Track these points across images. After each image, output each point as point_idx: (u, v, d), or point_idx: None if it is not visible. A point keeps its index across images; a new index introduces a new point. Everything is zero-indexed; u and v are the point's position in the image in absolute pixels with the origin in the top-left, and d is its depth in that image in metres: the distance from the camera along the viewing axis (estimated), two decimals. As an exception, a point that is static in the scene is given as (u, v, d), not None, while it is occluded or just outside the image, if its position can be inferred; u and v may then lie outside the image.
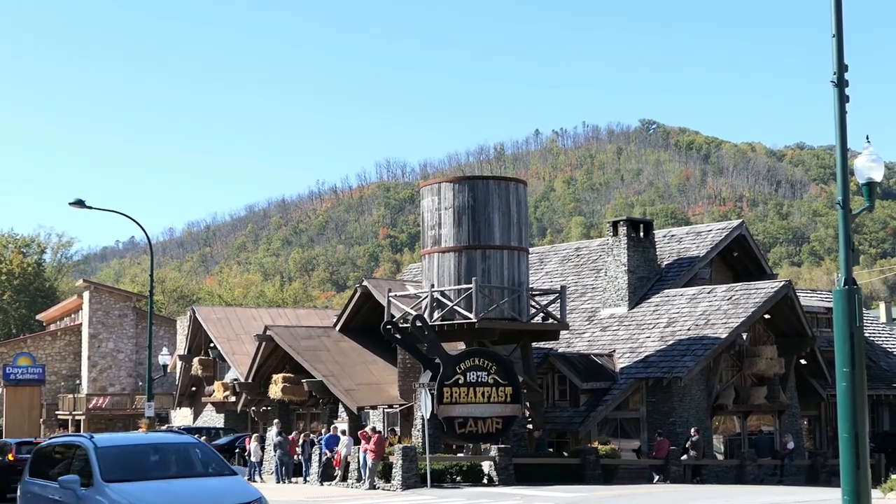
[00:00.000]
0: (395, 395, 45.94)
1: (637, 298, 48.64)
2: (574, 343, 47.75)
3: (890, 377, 53.44)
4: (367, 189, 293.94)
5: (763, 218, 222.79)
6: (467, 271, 40.04)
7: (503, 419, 39.35)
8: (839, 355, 17.81)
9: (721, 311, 44.72)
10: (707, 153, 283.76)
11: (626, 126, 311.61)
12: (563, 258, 56.30)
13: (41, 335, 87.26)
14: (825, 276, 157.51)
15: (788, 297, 45.29)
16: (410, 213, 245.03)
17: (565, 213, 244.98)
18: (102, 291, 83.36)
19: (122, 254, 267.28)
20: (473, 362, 39.05)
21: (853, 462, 17.51)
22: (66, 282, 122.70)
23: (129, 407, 76.73)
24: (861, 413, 17.64)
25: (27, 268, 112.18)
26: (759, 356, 45.37)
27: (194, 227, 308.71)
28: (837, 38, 18.19)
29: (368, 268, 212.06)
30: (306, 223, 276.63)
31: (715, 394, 44.59)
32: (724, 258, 51.80)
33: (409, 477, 36.64)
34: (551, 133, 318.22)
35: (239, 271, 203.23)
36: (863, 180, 18.51)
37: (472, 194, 40.39)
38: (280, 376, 50.19)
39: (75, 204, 45.89)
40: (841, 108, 18.10)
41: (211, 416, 65.40)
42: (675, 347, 44.00)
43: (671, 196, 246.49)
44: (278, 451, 43.81)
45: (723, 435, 46.10)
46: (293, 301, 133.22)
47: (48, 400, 79.10)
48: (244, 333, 60.98)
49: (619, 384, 43.77)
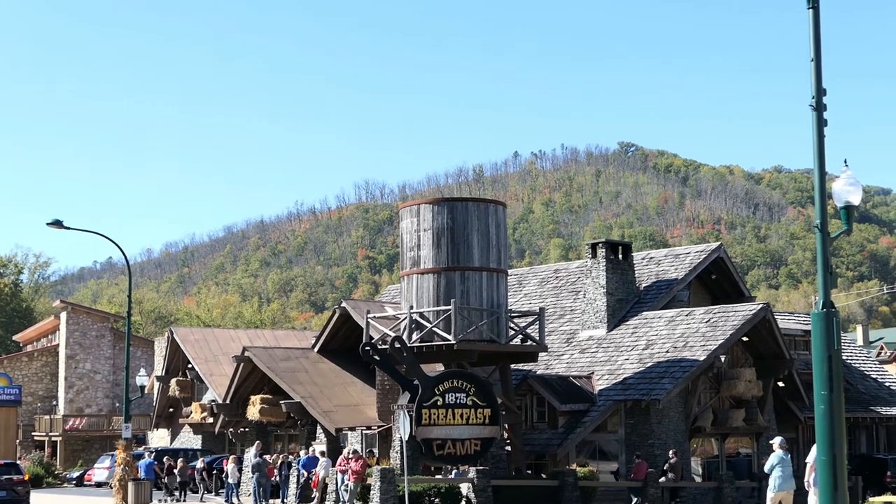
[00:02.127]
0: (374, 417, 45.85)
1: (616, 320, 48.70)
2: (553, 365, 47.76)
3: (867, 400, 53.58)
4: (345, 210, 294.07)
5: (741, 241, 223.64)
6: (446, 293, 40.02)
7: (482, 441, 39.29)
8: (817, 378, 17.84)
9: (699, 333, 44.81)
10: (685, 176, 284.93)
11: (605, 148, 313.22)
12: (541, 280, 56.34)
13: (18, 356, 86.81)
14: (803, 299, 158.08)
15: (766, 319, 45.40)
16: (389, 235, 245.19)
17: (544, 234, 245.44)
18: (80, 312, 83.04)
19: (100, 274, 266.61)
20: (452, 384, 39.01)
21: (831, 484, 17.52)
22: (44, 302, 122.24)
23: (106, 428, 76.43)
24: (839, 436, 17.66)
25: (4, 288, 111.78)
26: (737, 378, 45.45)
27: (172, 247, 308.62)
28: (816, 62, 18.27)
29: (347, 289, 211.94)
30: (285, 244, 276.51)
31: (693, 416, 44.64)
32: (703, 280, 51.92)
33: (388, 499, 36.54)
34: (530, 155, 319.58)
35: (217, 292, 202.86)
36: (841, 204, 18.55)
37: (452, 216, 40.39)
38: (258, 398, 50.06)
39: (53, 224, 45.69)
40: (819, 132, 18.16)
41: (188, 438, 65.15)
42: (653, 370, 44.05)
43: (649, 218, 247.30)
44: (256, 473, 43.67)
45: (701, 457, 46.13)
46: (271, 322, 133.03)
47: (24, 421, 78.68)
48: (222, 354, 60.83)
49: (598, 406, 43.77)
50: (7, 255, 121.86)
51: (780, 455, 25.51)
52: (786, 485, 25.29)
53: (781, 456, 25.48)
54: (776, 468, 25.33)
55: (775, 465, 25.34)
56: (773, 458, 25.73)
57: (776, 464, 25.40)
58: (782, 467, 25.33)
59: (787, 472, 25.35)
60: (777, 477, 25.33)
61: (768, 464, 25.91)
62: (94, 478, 63.56)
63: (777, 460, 25.45)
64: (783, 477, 25.31)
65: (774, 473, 25.38)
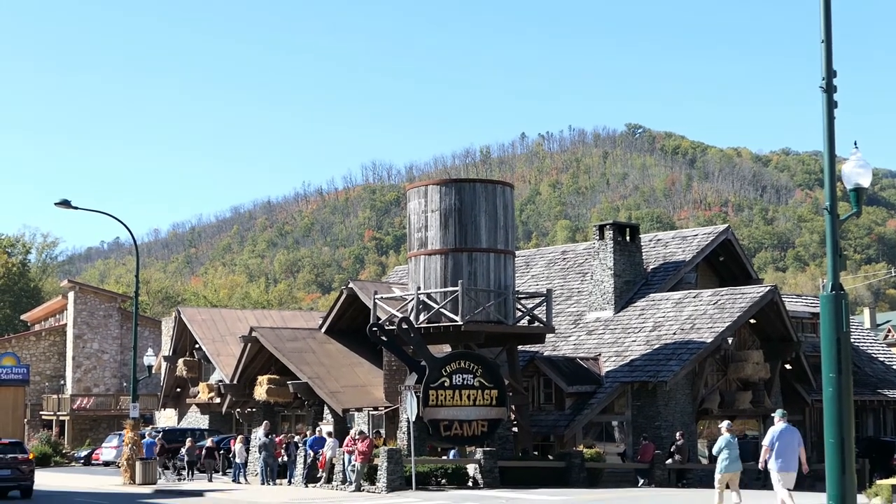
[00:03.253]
0: (381, 398, 45.90)
1: (623, 302, 48.69)
2: (560, 346, 47.77)
3: (875, 383, 53.57)
4: (352, 191, 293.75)
5: (748, 223, 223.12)
6: (453, 274, 40.00)
7: (488, 422, 39.34)
8: (826, 360, 17.84)
9: (707, 315, 44.79)
10: (693, 158, 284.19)
11: (612, 130, 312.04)
12: (549, 261, 56.32)
13: (26, 335, 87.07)
14: (810, 282, 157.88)
15: (774, 302, 45.37)
16: (396, 216, 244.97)
17: (551, 216, 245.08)
18: (87, 292, 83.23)
19: (107, 254, 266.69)
20: (459, 365, 39.06)
21: (839, 467, 17.53)
22: (51, 282, 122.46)
23: (114, 408, 76.68)
24: (847, 418, 17.67)
25: (12, 268, 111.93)
26: (745, 361, 45.46)
27: (179, 228, 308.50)
28: (826, 43, 18.22)
29: (354, 270, 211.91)
30: (292, 225, 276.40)
31: (700, 398, 44.65)
32: (710, 263, 51.84)
33: (395, 479, 36.60)
34: (537, 136, 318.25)
35: (224, 272, 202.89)
36: (850, 186, 18.53)
37: (459, 197, 40.35)
38: (265, 378, 50.13)
39: (61, 204, 45.70)
40: (829, 114, 18.12)
41: (196, 418, 65.28)
42: (660, 352, 44.05)
43: (657, 200, 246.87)
44: (263, 453, 43.76)
45: (707, 439, 46.07)
46: (278, 303, 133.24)
47: (32, 400, 78.88)
48: (229, 335, 60.95)
49: (605, 388, 43.79)
50: (15, 235, 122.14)
51: (727, 438, 26.24)
52: (732, 466, 26.07)
53: (728, 439, 26.21)
54: (723, 451, 26.10)
55: (722, 448, 26.13)
56: (720, 442, 26.41)
57: (723, 446, 26.15)
58: (729, 450, 26.06)
59: (733, 455, 26.07)
60: (724, 459, 26.07)
61: (716, 447, 26.56)
62: (102, 457, 63.84)
63: (724, 443, 26.19)
64: (730, 459, 26.04)
65: (721, 456, 26.13)
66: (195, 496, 39.35)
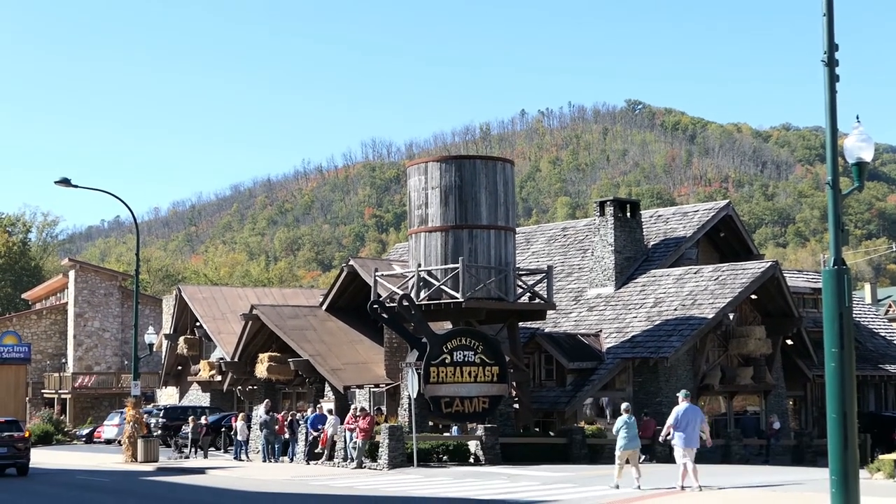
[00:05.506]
0: (382, 375, 45.93)
1: (624, 278, 48.66)
2: (561, 323, 47.76)
3: (876, 358, 53.59)
4: (352, 169, 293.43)
5: (748, 199, 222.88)
6: (454, 251, 39.96)
7: (490, 399, 39.36)
8: (828, 335, 17.79)
9: (708, 291, 44.76)
10: (693, 134, 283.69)
11: (612, 106, 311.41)
12: (549, 238, 56.27)
13: (27, 314, 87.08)
14: (810, 257, 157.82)
15: (775, 277, 45.32)
16: (396, 193, 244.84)
17: (551, 193, 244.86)
18: (88, 270, 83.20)
19: (108, 233, 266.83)
20: (460, 342, 39.06)
21: (841, 442, 17.51)
22: (52, 261, 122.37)
23: (115, 386, 76.72)
24: (849, 393, 17.63)
25: (12, 247, 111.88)
26: (747, 336, 45.43)
27: (180, 206, 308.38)
28: (828, 16, 18.11)
29: (354, 247, 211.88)
30: (292, 203, 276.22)
31: (701, 374, 44.65)
32: (711, 239, 51.77)
33: (396, 456, 36.64)
34: (537, 113, 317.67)
35: (224, 251, 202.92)
36: (852, 160, 18.43)
37: (459, 174, 40.27)
38: (266, 355, 50.16)
39: (61, 182, 45.57)
40: (831, 88, 18.03)
41: (197, 396, 65.38)
42: (661, 328, 44.03)
43: (657, 177, 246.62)
44: (265, 431, 43.81)
45: (709, 415, 46.10)
46: (279, 280, 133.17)
47: (34, 379, 78.98)
48: (230, 313, 60.99)
49: (606, 364, 43.79)
50: (15, 214, 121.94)
51: (624, 419, 28.09)
52: (630, 444, 27.82)
53: (626, 420, 28.02)
54: (621, 430, 27.94)
55: (620, 428, 27.99)
56: (618, 422, 28.24)
57: (621, 427, 27.98)
58: (626, 429, 27.84)
59: (631, 434, 27.87)
60: (622, 437, 27.85)
61: (615, 427, 28.45)
62: (104, 435, 63.95)
63: (622, 423, 28.03)
64: (628, 437, 27.82)
65: (620, 434, 27.93)
66: (197, 473, 39.39)
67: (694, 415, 26.88)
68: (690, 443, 26.48)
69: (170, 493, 32.42)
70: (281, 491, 31.12)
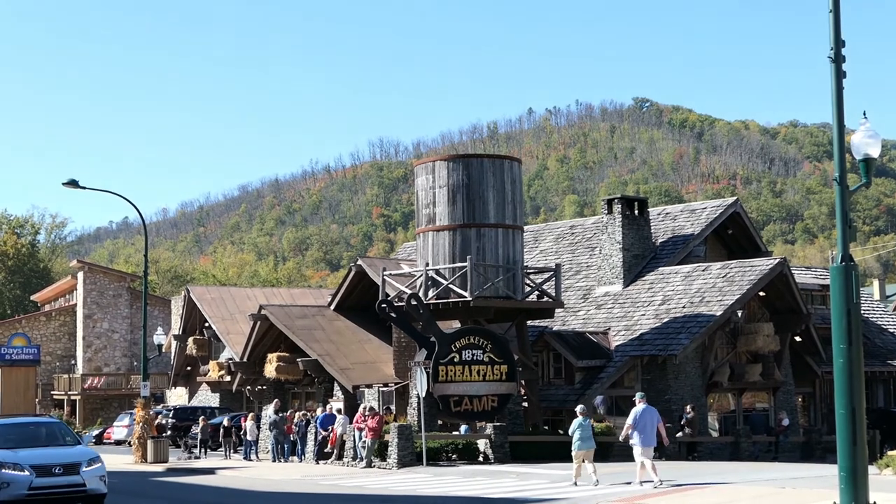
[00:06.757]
0: (391, 374, 45.95)
1: (632, 276, 48.63)
2: (569, 321, 47.76)
3: (885, 354, 53.51)
4: (360, 168, 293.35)
5: (756, 196, 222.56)
6: (462, 250, 39.99)
7: (498, 397, 39.38)
8: (836, 332, 17.78)
9: (716, 288, 44.73)
10: (700, 131, 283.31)
11: (620, 104, 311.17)
12: (557, 236, 56.25)
13: (36, 316, 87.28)
14: (819, 254, 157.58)
15: (783, 274, 45.28)
16: (404, 193, 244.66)
17: (559, 191, 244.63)
18: (97, 272, 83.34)
19: (116, 234, 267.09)
20: (469, 340, 39.07)
21: (850, 438, 17.50)
22: (60, 262, 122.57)
23: (125, 387, 76.89)
24: (858, 389, 17.62)
25: (21, 249, 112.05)
26: (755, 333, 45.39)
27: (188, 207, 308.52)
28: (834, 13, 18.10)
29: (362, 247, 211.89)
30: (300, 203, 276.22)
31: (710, 371, 44.63)
32: (719, 236, 51.72)
33: (405, 455, 36.68)
34: (544, 111, 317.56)
35: (233, 251, 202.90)
36: (860, 156, 18.40)
37: (467, 172, 40.29)
38: (275, 355, 50.22)
39: (69, 184, 45.60)
40: (838, 84, 18.02)
41: (206, 396, 65.45)
42: (670, 325, 44.02)
43: (664, 174, 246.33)
44: (274, 430, 43.86)
45: (718, 412, 46.16)
46: (287, 280, 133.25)
47: (43, 380, 79.15)
48: (238, 313, 61.04)
49: (615, 362, 43.79)
50: (24, 216, 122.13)
51: (579, 421, 28.85)
52: (585, 445, 28.53)
53: (580, 422, 28.79)
54: (576, 431, 28.61)
55: (575, 430, 28.68)
56: (574, 424, 28.97)
57: (576, 428, 28.71)
58: (581, 430, 28.60)
59: (585, 435, 28.63)
60: (577, 439, 28.55)
61: (570, 428, 29.16)
62: (114, 436, 64.06)
63: (576, 425, 28.79)
64: (582, 439, 28.55)
65: (575, 436, 28.60)
66: (207, 474, 39.43)
67: (651, 416, 27.89)
68: (648, 442, 27.72)
69: (180, 493, 32.46)
70: (292, 491, 31.18)
